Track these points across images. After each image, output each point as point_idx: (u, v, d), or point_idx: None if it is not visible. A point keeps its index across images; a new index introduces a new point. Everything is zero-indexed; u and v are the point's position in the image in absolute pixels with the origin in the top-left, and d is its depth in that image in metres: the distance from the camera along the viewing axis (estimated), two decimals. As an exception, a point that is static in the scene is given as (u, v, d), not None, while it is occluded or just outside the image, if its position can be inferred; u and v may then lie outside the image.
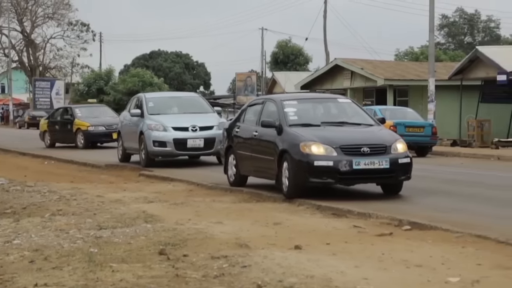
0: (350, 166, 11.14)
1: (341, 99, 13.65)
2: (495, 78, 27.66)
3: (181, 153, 18.10)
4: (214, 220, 9.81)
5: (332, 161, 11.15)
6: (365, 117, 12.72)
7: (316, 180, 11.26)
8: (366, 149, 11.33)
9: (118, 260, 7.24)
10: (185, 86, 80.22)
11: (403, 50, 65.47)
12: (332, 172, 11.14)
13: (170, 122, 18.14)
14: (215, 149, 17.72)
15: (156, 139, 17.91)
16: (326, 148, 11.26)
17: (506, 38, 77.98)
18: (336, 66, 37.73)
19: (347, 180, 11.50)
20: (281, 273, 6.56)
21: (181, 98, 21.09)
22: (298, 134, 11.63)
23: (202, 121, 18.31)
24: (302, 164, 11.25)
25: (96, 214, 10.57)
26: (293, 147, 11.43)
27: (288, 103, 12.67)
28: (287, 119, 12.13)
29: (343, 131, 11.99)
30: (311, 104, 13.17)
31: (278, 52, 63.61)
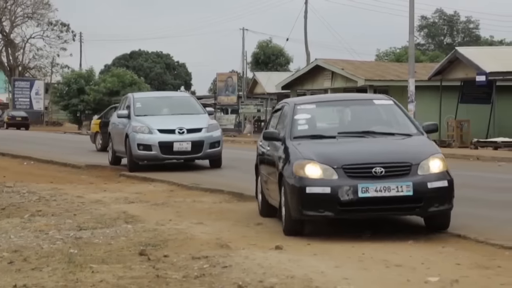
0: (354, 193, 8.15)
1: (379, 101, 10.05)
2: (474, 78, 27.85)
3: (167, 157, 17.05)
4: (195, 220, 9.80)
5: (330, 186, 8.20)
6: (405, 125, 9.47)
7: (310, 213, 8.33)
8: (380, 170, 8.24)
9: (98, 261, 7.21)
10: (166, 87, 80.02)
11: (384, 51, 65.78)
12: (330, 202, 8.21)
13: (156, 124, 17.10)
14: (204, 153, 16.97)
15: (141, 142, 16.84)
16: (324, 169, 8.33)
17: (486, 39, 78.52)
18: (317, 67, 37.81)
19: (350, 213, 8.37)
20: (261, 274, 6.56)
21: (171, 98, 19.92)
22: (295, 150, 8.80)
23: (191, 123, 17.21)
24: (295, 191, 8.42)
25: (76, 214, 10.52)
26: (288, 168, 8.65)
27: (302, 107, 9.72)
28: (293, 129, 9.28)
29: (357, 145, 8.94)
30: (335, 108, 10.03)
31: (259, 52, 63.64)
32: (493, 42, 74.83)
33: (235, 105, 52.04)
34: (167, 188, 14.22)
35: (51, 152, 23.51)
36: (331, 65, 36.76)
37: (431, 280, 6.41)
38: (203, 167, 17.38)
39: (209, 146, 16.95)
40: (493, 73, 27.71)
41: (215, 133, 17.30)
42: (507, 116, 29.80)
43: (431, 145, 9.02)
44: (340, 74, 35.80)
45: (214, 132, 17.31)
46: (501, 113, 29.41)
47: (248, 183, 14.08)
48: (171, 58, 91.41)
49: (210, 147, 16.98)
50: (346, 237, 8.40)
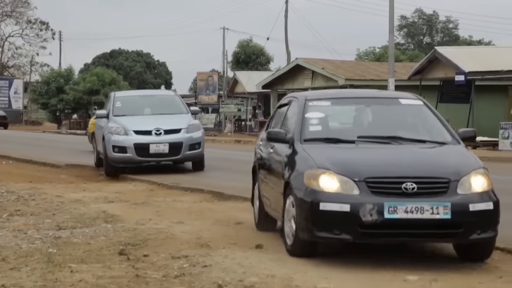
0: (379, 213, 6.71)
1: (406, 100, 8.42)
2: (453, 78, 28.00)
3: (143, 159, 16.05)
4: (175, 220, 9.78)
5: (350, 203, 6.77)
6: (438, 130, 7.95)
7: (323, 235, 6.92)
8: (411, 185, 6.80)
9: (77, 261, 7.17)
10: (146, 86, 79.76)
11: (364, 50, 65.97)
12: (349, 222, 6.79)
13: (133, 125, 16.21)
14: (183, 155, 16.10)
15: (116, 144, 15.94)
16: (342, 182, 6.89)
17: (464, 39, 79.00)
18: (297, 66, 37.88)
19: (373, 237, 6.89)
20: (241, 273, 6.56)
21: (154, 97, 18.87)
22: (307, 155, 7.34)
23: (169, 124, 16.29)
24: (305, 206, 7.00)
25: (55, 214, 10.46)
26: (297, 178, 7.23)
27: (315, 104, 8.22)
28: (304, 130, 7.79)
29: (383, 153, 7.44)
30: (354, 106, 8.45)
31: (239, 51, 63.62)
32: (472, 42, 75.30)
33: (216, 104, 51.98)
34: (147, 187, 14.18)
35: (30, 152, 23.35)
36: (312, 64, 36.85)
37: (410, 278, 6.45)
38: (183, 167, 17.32)
39: (188, 147, 16.08)
40: (472, 73, 27.88)
41: (195, 134, 16.34)
42: (486, 115, 30.00)
43: (472, 157, 7.50)
44: (321, 74, 35.89)
45: (194, 133, 16.34)
46: (479, 112, 29.60)
47: (228, 182, 14.09)
48: (152, 57, 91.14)
49: (189, 149, 16.11)
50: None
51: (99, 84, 57.64)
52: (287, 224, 7.43)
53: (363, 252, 7.46)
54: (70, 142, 31.80)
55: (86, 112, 58.61)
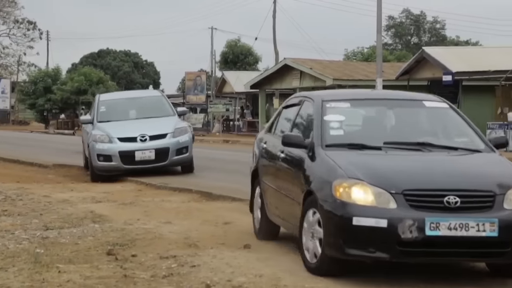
0: (420, 230, 6.10)
1: (431, 102, 7.78)
2: (441, 78, 28.11)
3: (129, 167, 15.54)
4: (163, 220, 9.77)
5: (387, 219, 6.13)
6: (469, 136, 7.38)
7: (355, 252, 6.26)
8: (454, 199, 6.20)
9: (65, 261, 7.15)
10: (134, 85, 79.61)
11: (352, 50, 66.09)
12: (386, 239, 6.16)
13: (117, 132, 15.80)
14: (170, 161, 15.72)
15: (101, 152, 15.57)
16: (378, 194, 6.26)
17: (452, 39, 79.27)
18: (285, 66, 37.91)
19: (412, 256, 6.24)
20: (230, 273, 6.56)
21: (140, 99, 18.17)
22: (334, 163, 6.64)
23: (154, 129, 15.86)
24: (335, 220, 6.35)
25: (43, 214, 10.42)
26: (323, 188, 6.55)
27: (334, 106, 7.51)
28: (325, 134, 7.10)
29: (418, 161, 6.83)
30: (375, 109, 7.80)
31: (227, 51, 63.59)
32: (459, 42, 75.57)
33: (204, 104, 51.92)
34: (135, 187, 14.15)
35: (17, 151, 23.28)
36: (300, 64, 36.89)
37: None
38: (171, 167, 17.29)
39: (175, 152, 15.71)
40: (459, 73, 27.99)
41: (182, 138, 15.91)
42: (473, 115, 29.94)
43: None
44: (309, 74, 35.93)
45: (181, 137, 15.91)
46: (467, 112, 29.36)
47: (216, 182, 14.09)
48: (140, 57, 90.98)
49: (177, 154, 15.75)
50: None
51: (86, 84, 57.48)
52: (307, 238, 6.74)
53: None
54: (58, 142, 31.70)
55: (74, 112, 58.43)
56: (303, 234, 6.80)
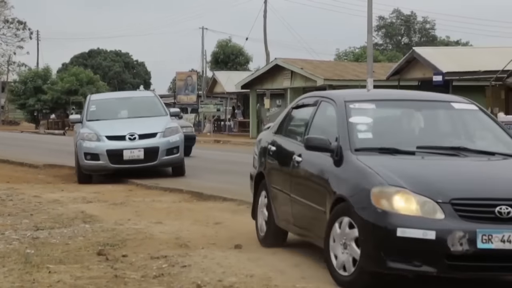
0: (471, 243, 5.66)
1: (459, 104, 7.36)
2: (431, 78, 28.19)
3: (117, 166, 15.05)
4: (154, 220, 9.76)
5: (435, 230, 5.67)
6: (503, 140, 7.01)
7: (398, 266, 5.78)
8: (506, 209, 5.76)
9: (55, 261, 7.13)
10: (125, 85, 79.49)
11: (343, 51, 66.19)
12: (433, 252, 5.71)
13: (105, 130, 15.32)
14: (159, 161, 15.14)
15: (88, 151, 15.05)
16: (423, 203, 5.80)
17: (442, 40, 79.50)
18: (276, 66, 37.95)
19: (462, 270, 5.78)
20: (221, 273, 6.56)
21: (131, 99, 17.72)
22: (370, 169, 6.17)
23: (144, 128, 15.36)
24: (375, 231, 5.86)
25: (33, 214, 10.40)
26: (358, 195, 6.08)
27: (358, 106, 7.06)
28: (352, 138, 6.65)
29: (461, 166, 6.42)
30: (402, 110, 7.33)
31: (218, 51, 63.59)
32: (450, 43, 75.79)
33: (195, 104, 51.88)
34: (126, 187, 14.13)
35: (7, 152, 23.19)
36: (291, 64, 36.93)
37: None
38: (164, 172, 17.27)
39: (165, 152, 15.13)
40: (449, 73, 28.08)
41: (173, 137, 15.35)
42: (464, 115, 30.16)
43: None
44: (300, 74, 35.98)
45: (171, 136, 15.36)
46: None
47: (207, 182, 14.09)
48: (130, 56, 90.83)
49: (167, 154, 15.17)
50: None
51: (77, 84, 57.37)
52: (335, 247, 6.24)
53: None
54: (48, 142, 31.62)
55: (64, 112, 58.31)
56: (330, 243, 6.30)
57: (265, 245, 7.92)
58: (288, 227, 7.59)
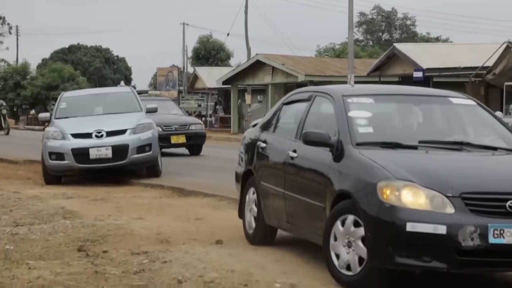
0: (482, 238, 5.58)
1: (457, 99, 7.34)
2: (411, 74, 28.33)
3: (83, 166, 13.96)
4: (135, 215, 9.73)
5: (446, 225, 5.58)
6: (503, 134, 7.00)
7: (407, 262, 5.67)
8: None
9: (35, 257, 7.10)
10: (105, 81, 79.17)
11: (324, 47, 66.34)
12: (444, 248, 5.61)
13: (71, 128, 14.25)
14: (129, 159, 13.99)
15: (53, 150, 14.05)
16: (432, 197, 5.70)
17: (422, 36, 79.85)
18: (258, 62, 37.95)
19: (474, 266, 5.70)
20: (202, 268, 6.55)
21: (105, 95, 16.48)
22: (374, 163, 6.07)
23: (113, 124, 14.26)
24: (383, 227, 5.74)
25: (13, 210, 10.34)
26: (363, 190, 5.96)
27: (356, 101, 6.98)
28: (353, 132, 6.56)
29: (467, 161, 6.37)
30: (401, 105, 7.27)
31: (199, 47, 63.49)
32: (430, 39, 76.13)
33: (176, 100, 51.82)
34: (106, 183, 14.07)
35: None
36: (272, 60, 36.96)
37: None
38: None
39: (136, 150, 13.99)
40: (429, 69, 28.25)
41: (144, 134, 14.21)
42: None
43: None
44: (281, 70, 36.01)
45: (143, 133, 14.21)
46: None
47: (188, 178, 14.07)
48: (111, 52, 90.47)
49: (137, 152, 14.02)
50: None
51: (58, 79, 57.10)
52: (337, 245, 6.11)
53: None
54: (28, 138, 31.41)
55: (44, 108, 57.98)
56: (330, 241, 6.15)
57: (254, 242, 7.79)
58: (280, 225, 7.46)
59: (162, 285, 5.90)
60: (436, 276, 6.12)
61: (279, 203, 7.29)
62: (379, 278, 5.89)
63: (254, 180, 7.89)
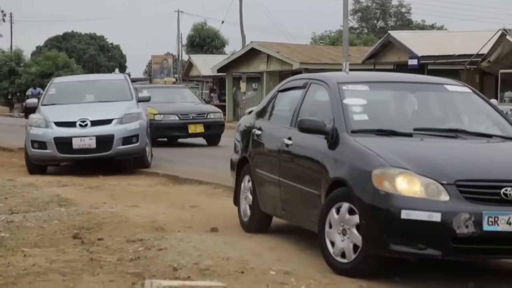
0: (477, 225, 5.60)
1: (452, 86, 7.29)
2: (406, 62, 28.31)
3: (66, 156, 13.43)
4: (130, 203, 9.74)
5: (441, 212, 5.59)
6: (498, 122, 7.00)
7: (401, 249, 5.69)
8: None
9: (30, 245, 7.10)
10: (100, 69, 78.99)
11: (319, 34, 66.21)
12: (438, 235, 5.62)
13: (55, 116, 13.64)
14: (114, 151, 13.30)
15: (35, 138, 13.47)
16: (427, 185, 5.71)
17: (417, 23, 79.76)
18: (252, 50, 37.88)
19: (468, 253, 5.74)
20: (197, 256, 6.57)
21: (97, 82, 15.76)
22: (369, 150, 6.07)
23: (99, 113, 13.61)
24: (378, 214, 5.75)
25: (8, 198, 10.33)
26: (358, 177, 5.97)
27: (352, 88, 6.94)
28: (348, 119, 6.54)
29: (462, 148, 6.37)
30: (395, 92, 7.25)
31: (194, 35, 63.32)
32: (425, 27, 76.06)
33: (171, 87, 51.74)
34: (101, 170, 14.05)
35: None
36: (267, 48, 36.89)
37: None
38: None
39: (121, 141, 13.32)
40: (424, 57, 28.22)
41: (131, 125, 13.52)
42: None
43: None
44: (276, 57, 35.95)
45: (130, 123, 13.52)
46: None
47: (183, 166, 14.08)
48: (105, 40, 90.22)
49: (124, 143, 13.35)
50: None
51: (53, 67, 56.94)
52: (332, 233, 6.12)
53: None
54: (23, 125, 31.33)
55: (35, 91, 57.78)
56: (325, 229, 6.16)
57: (249, 230, 7.80)
58: (275, 212, 7.46)
59: (157, 273, 5.91)
60: (431, 263, 6.16)
61: (274, 191, 7.28)
62: (374, 266, 5.95)
63: (249, 168, 7.87)
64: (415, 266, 6.34)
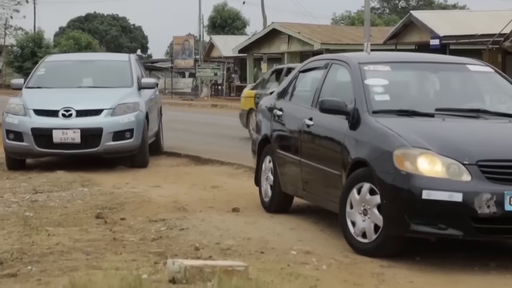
0: (498, 205, 5.60)
1: (474, 66, 7.21)
2: (428, 42, 28.12)
3: (45, 151, 11.34)
4: (152, 183, 9.80)
5: (462, 192, 5.60)
6: None
7: (422, 229, 5.72)
8: None
9: (54, 224, 7.18)
10: (122, 49, 79.10)
11: (340, 15, 65.83)
12: (460, 215, 5.64)
13: (36, 102, 11.55)
14: (103, 147, 11.27)
15: (10, 127, 11.38)
16: (448, 165, 5.71)
17: (439, 3, 79.03)
18: (274, 30, 37.80)
19: (489, 233, 5.77)
20: (218, 236, 6.61)
21: (96, 63, 13.43)
22: (390, 131, 6.06)
23: (87, 101, 11.52)
24: (399, 194, 5.76)
25: (32, 178, 10.43)
26: (380, 158, 5.97)
27: (373, 68, 6.91)
28: (369, 100, 6.52)
29: (484, 128, 6.36)
30: (418, 73, 7.20)
31: (215, 16, 63.20)
32: (447, 6, 75.33)
33: (192, 68, 51.70)
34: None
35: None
36: (288, 28, 36.80)
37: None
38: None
39: (112, 137, 11.27)
40: (446, 37, 28.02)
41: (125, 117, 11.40)
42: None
43: None
44: (297, 38, 35.86)
45: (123, 115, 11.42)
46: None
47: (205, 146, 14.13)
48: (127, 21, 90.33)
49: (114, 139, 11.29)
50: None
51: (75, 47, 57.13)
52: (353, 213, 6.12)
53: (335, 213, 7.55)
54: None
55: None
56: (346, 209, 6.17)
57: (270, 210, 7.82)
58: (296, 192, 7.48)
59: (179, 252, 5.96)
60: (453, 242, 6.16)
61: (295, 171, 7.30)
62: (395, 246, 5.97)
63: (270, 148, 7.89)
64: (437, 246, 6.36)
